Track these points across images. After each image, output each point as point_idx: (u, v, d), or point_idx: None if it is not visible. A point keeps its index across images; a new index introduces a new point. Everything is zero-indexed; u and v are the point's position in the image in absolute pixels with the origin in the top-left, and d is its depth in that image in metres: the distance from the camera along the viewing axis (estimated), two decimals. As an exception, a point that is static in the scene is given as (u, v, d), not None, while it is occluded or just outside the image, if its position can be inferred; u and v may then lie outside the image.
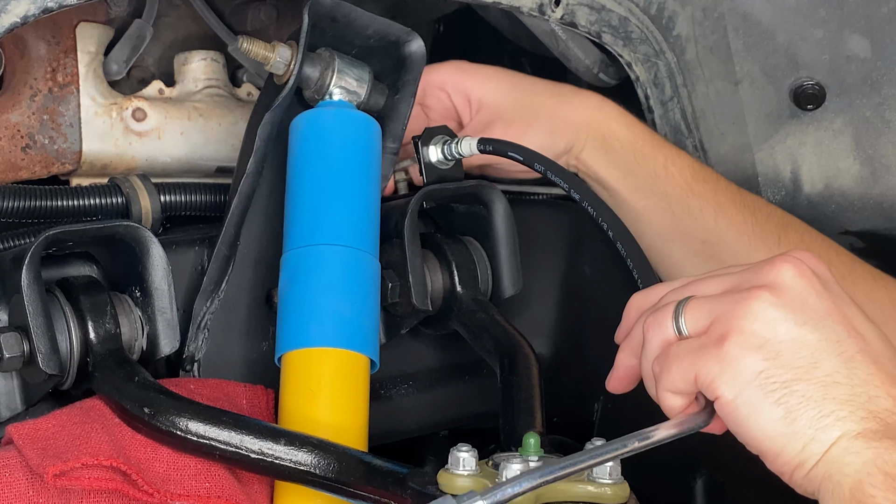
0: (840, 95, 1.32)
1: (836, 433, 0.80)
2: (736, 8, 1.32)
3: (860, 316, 0.85)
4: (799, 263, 0.86)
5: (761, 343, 0.83)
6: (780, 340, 0.83)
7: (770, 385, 0.82)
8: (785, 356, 0.83)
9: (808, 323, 0.83)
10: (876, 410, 0.80)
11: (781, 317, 0.83)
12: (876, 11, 1.27)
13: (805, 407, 0.81)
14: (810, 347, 0.83)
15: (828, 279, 0.87)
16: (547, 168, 1.22)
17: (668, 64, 1.36)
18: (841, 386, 0.81)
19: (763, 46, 1.33)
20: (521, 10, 1.29)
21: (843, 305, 0.85)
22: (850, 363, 0.82)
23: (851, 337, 0.83)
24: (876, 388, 0.81)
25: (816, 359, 0.82)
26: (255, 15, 1.40)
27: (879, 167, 1.34)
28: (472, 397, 1.41)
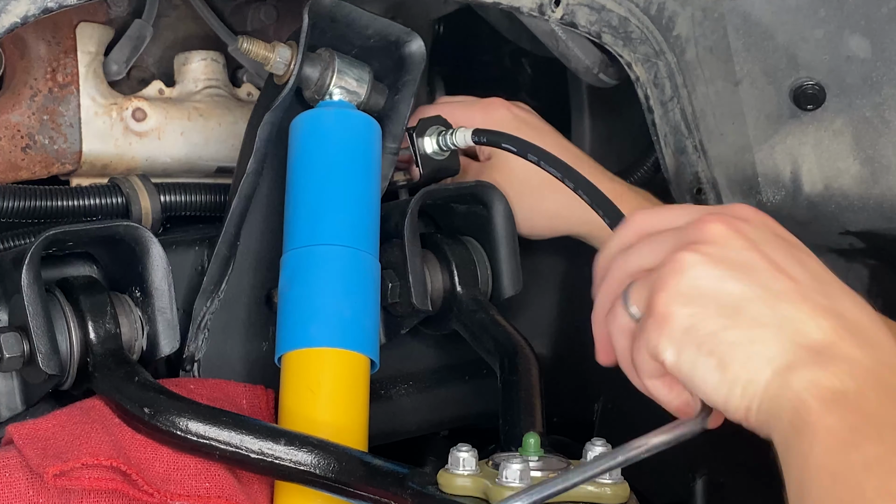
0: (840, 95, 1.32)
1: (768, 372, 0.82)
2: (736, 8, 1.32)
3: (789, 259, 0.87)
4: (724, 218, 0.88)
5: (687, 300, 0.85)
6: (704, 295, 0.85)
7: (700, 338, 0.84)
8: (710, 308, 0.84)
9: (731, 275, 0.85)
10: (805, 342, 0.82)
11: (704, 273, 0.85)
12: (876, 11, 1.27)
13: (735, 352, 0.83)
14: (734, 297, 0.84)
15: (756, 228, 0.89)
16: (540, 158, 1.22)
17: (668, 64, 1.36)
18: (767, 327, 0.83)
19: (763, 46, 1.32)
20: (521, 10, 1.29)
21: (772, 251, 0.87)
22: (776, 304, 0.84)
23: (778, 279, 0.85)
24: (803, 322, 0.83)
25: (740, 306, 0.84)
26: (255, 15, 1.40)
27: (879, 167, 1.34)
28: (472, 397, 1.41)
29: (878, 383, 0.79)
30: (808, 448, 0.77)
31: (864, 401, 0.78)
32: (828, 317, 0.83)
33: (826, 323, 0.82)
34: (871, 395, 0.78)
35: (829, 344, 0.81)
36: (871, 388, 0.79)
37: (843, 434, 0.76)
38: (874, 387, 0.79)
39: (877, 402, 0.78)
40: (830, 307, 0.84)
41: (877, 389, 0.79)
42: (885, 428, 0.76)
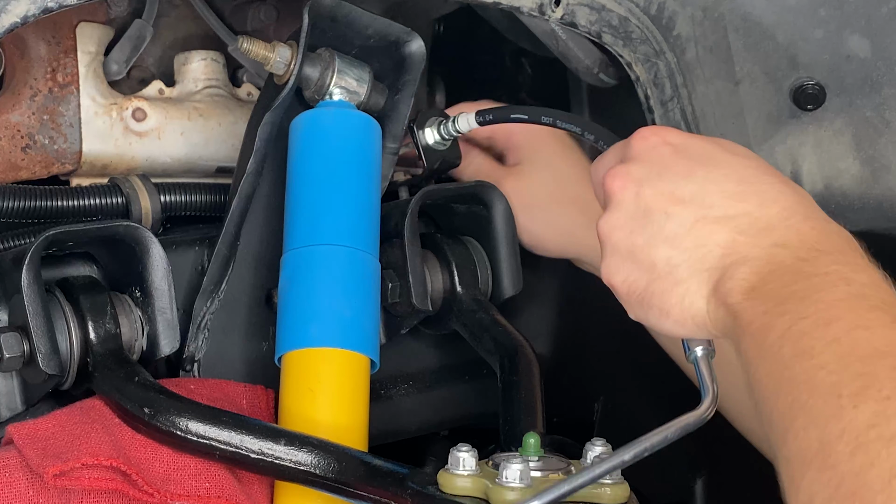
0: (840, 95, 1.32)
1: (702, 302, 0.91)
2: (736, 8, 1.32)
3: (680, 180, 0.95)
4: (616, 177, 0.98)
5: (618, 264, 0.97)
6: (625, 256, 0.96)
7: (638, 297, 0.96)
8: (633, 268, 0.95)
9: (633, 230, 0.95)
10: (712, 264, 0.91)
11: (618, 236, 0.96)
12: (876, 11, 1.27)
13: (668, 299, 0.93)
14: (644, 250, 0.94)
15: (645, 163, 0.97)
16: (556, 119, 1.20)
17: (668, 64, 1.36)
18: (680, 266, 0.92)
19: (763, 46, 1.32)
20: (521, 10, 1.29)
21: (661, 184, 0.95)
22: (677, 240, 0.93)
23: (671, 217, 0.94)
24: (703, 248, 0.92)
25: (651, 255, 0.94)
26: (255, 15, 1.40)
27: (879, 167, 1.34)
28: (472, 397, 1.41)
29: (774, 268, 0.88)
30: (741, 345, 0.87)
31: (766, 287, 0.87)
32: (724, 229, 0.91)
33: (721, 236, 0.91)
34: (772, 280, 0.87)
35: (731, 254, 0.90)
36: (770, 274, 0.88)
37: (758, 321, 0.85)
38: (772, 272, 0.88)
39: (776, 283, 0.87)
40: (724, 215, 0.92)
41: (774, 273, 0.87)
42: (786, 303, 0.85)
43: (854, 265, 0.87)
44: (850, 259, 0.88)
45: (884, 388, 0.76)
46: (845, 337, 0.80)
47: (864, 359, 0.78)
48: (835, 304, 0.83)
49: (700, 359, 0.96)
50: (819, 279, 0.86)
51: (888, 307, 0.83)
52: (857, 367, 0.78)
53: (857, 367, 0.78)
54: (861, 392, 0.76)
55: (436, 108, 1.34)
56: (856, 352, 0.79)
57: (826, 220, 0.93)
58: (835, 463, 0.75)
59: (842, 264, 0.87)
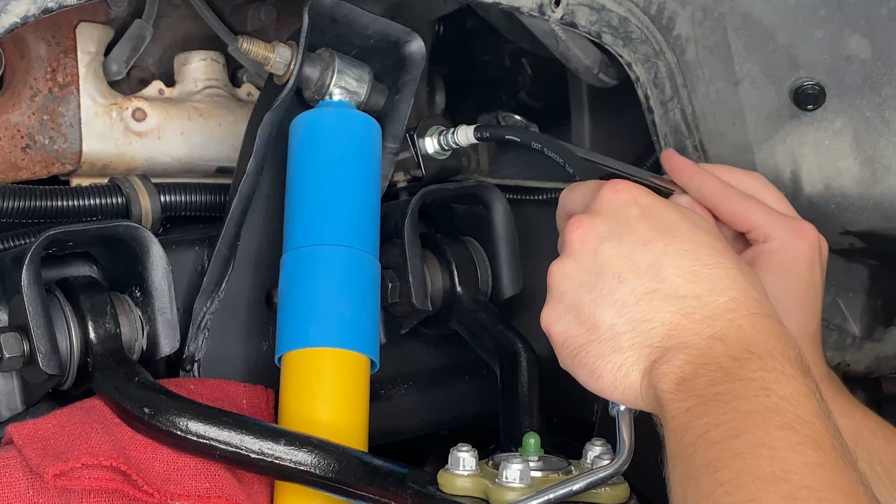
0: (840, 95, 1.32)
1: (637, 376, 0.91)
2: (736, 8, 1.31)
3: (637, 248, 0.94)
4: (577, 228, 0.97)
5: (557, 316, 0.97)
6: (569, 309, 0.96)
7: (571, 350, 0.96)
8: (573, 324, 0.95)
9: (584, 284, 0.95)
10: (654, 342, 0.91)
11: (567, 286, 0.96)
12: (876, 11, 1.27)
13: (602, 364, 0.93)
14: (589, 307, 0.94)
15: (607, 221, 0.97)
16: (545, 146, 1.22)
17: (668, 64, 1.36)
18: (622, 335, 0.92)
19: (763, 46, 1.32)
20: (521, 10, 1.29)
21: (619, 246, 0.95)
22: (625, 308, 0.92)
23: (627, 281, 0.93)
24: (650, 322, 0.91)
25: (596, 315, 0.94)
26: (255, 15, 1.40)
27: (879, 167, 1.34)
28: (472, 397, 1.41)
29: (707, 362, 0.87)
30: (665, 435, 0.88)
31: (696, 381, 0.87)
32: (671, 307, 0.91)
33: (668, 315, 0.91)
34: (702, 374, 0.87)
35: (672, 335, 0.90)
36: (702, 367, 0.87)
37: (679, 418, 0.86)
38: (704, 365, 0.87)
39: (705, 379, 0.86)
40: (672, 293, 0.92)
41: (706, 367, 0.87)
42: (709, 403, 0.85)
43: (781, 374, 0.86)
44: (780, 366, 0.87)
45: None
46: (748, 453, 0.81)
47: (759, 481, 0.79)
48: (748, 416, 0.83)
49: (621, 414, 0.96)
50: (742, 385, 0.85)
51: (800, 425, 0.83)
52: (751, 490, 0.78)
53: (751, 490, 0.78)
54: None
55: (435, 117, 1.34)
56: (754, 471, 0.79)
57: (769, 318, 0.92)
58: None
59: (768, 371, 0.86)
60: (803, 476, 0.79)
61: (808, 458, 0.80)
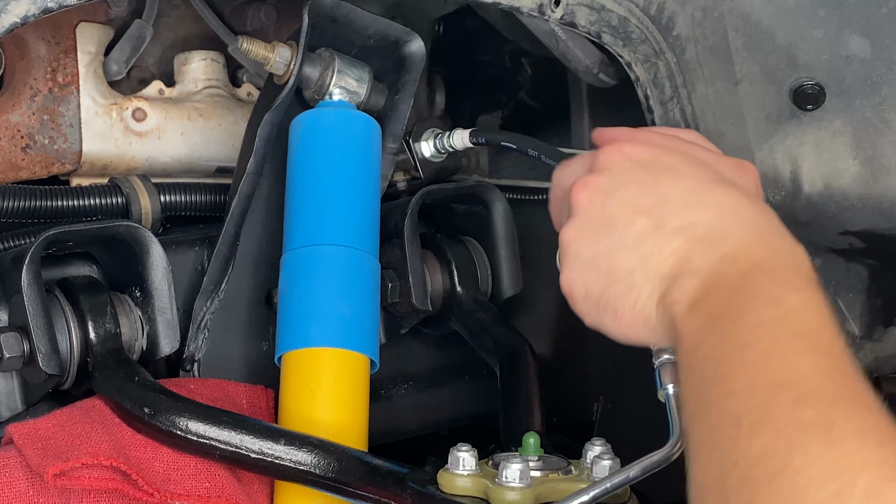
0: (840, 95, 1.32)
1: (653, 307, 0.93)
2: (736, 8, 1.31)
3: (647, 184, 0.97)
4: (582, 188, 0.99)
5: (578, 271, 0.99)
6: (586, 262, 0.98)
7: (594, 300, 0.98)
8: (591, 275, 0.97)
9: (595, 236, 0.97)
10: (665, 272, 0.93)
11: (580, 245, 0.98)
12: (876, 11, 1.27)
13: (621, 304, 0.95)
14: (604, 256, 0.96)
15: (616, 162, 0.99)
16: (541, 153, 1.22)
17: (667, 64, 1.36)
18: (635, 272, 0.94)
19: (763, 46, 1.32)
20: (521, 10, 1.29)
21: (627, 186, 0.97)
22: (636, 248, 0.95)
23: (631, 224, 0.96)
24: (659, 254, 0.93)
25: (611, 262, 0.96)
26: (255, 15, 1.40)
27: (879, 167, 1.34)
28: (472, 397, 1.41)
29: (716, 281, 0.89)
30: (679, 357, 0.89)
31: (707, 301, 0.88)
32: (678, 236, 0.93)
33: (676, 244, 0.93)
34: (713, 293, 0.88)
35: (682, 262, 0.92)
36: (713, 286, 0.89)
37: (692, 338, 0.87)
38: (716, 284, 0.89)
39: (714, 299, 0.88)
40: (681, 224, 0.94)
41: (715, 287, 0.89)
42: (718, 320, 0.86)
43: (790, 286, 0.87)
44: (789, 279, 0.88)
45: (779, 422, 0.76)
46: (758, 363, 0.81)
47: (768, 388, 0.79)
48: (757, 327, 0.84)
49: (672, 396, 0.96)
50: (751, 299, 0.86)
51: (810, 335, 0.83)
52: (761, 397, 0.78)
53: (761, 397, 0.78)
54: (757, 423, 0.77)
55: (430, 120, 1.34)
56: (763, 380, 0.80)
57: (780, 236, 0.93)
58: (726, 495, 0.76)
59: (777, 284, 0.87)
60: (814, 380, 0.79)
61: (818, 363, 0.80)
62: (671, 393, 0.96)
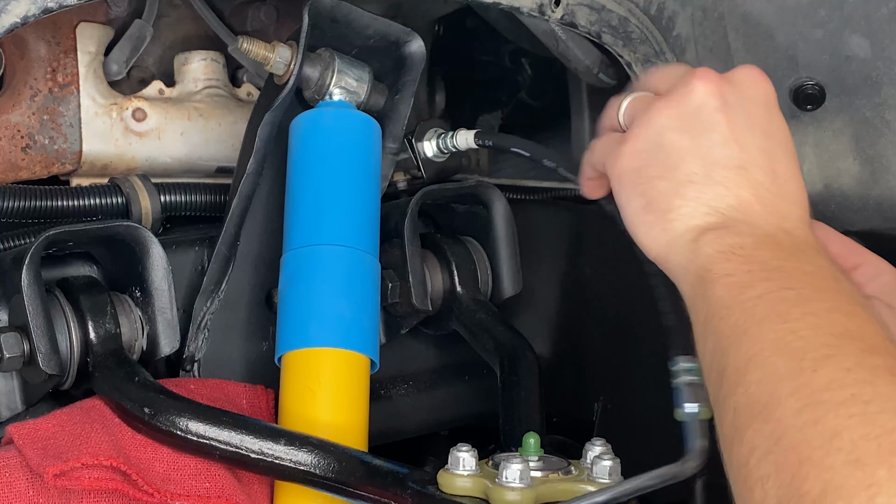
0: (840, 95, 1.32)
1: (681, 227, 0.92)
2: (736, 8, 1.31)
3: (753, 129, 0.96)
4: (711, 79, 0.97)
5: (645, 147, 0.96)
6: (659, 144, 0.95)
7: (639, 179, 0.95)
8: (658, 158, 0.95)
9: (688, 131, 0.95)
10: (719, 207, 0.92)
11: (669, 125, 0.95)
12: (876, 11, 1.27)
13: (660, 199, 0.94)
14: (681, 152, 0.94)
15: (739, 92, 0.97)
16: (549, 160, 1.21)
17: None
18: (694, 185, 0.93)
19: (763, 46, 1.32)
20: (521, 10, 1.29)
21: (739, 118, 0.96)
22: (712, 166, 0.93)
23: (726, 146, 0.94)
24: (726, 189, 0.92)
25: (682, 161, 0.94)
26: (255, 15, 1.40)
27: (879, 167, 1.34)
28: (472, 397, 1.41)
29: (772, 242, 0.89)
30: (710, 291, 0.87)
31: (758, 253, 0.88)
32: (751, 188, 0.92)
33: (746, 193, 0.92)
34: (765, 249, 0.89)
35: (740, 210, 0.92)
36: (766, 244, 0.89)
37: (738, 276, 0.86)
38: (768, 244, 0.89)
39: (769, 254, 0.88)
40: (760, 181, 0.93)
41: (770, 246, 0.89)
42: (774, 272, 0.86)
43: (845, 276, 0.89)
44: (838, 272, 0.90)
45: (846, 361, 0.77)
46: (823, 315, 0.82)
47: (835, 335, 0.80)
48: (821, 290, 0.85)
49: (694, 416, 0.95)
50: (812, 269, 0.87)
51: (869, 309, 0.84)
52: (826, 340, 0.79)
53: (826, 340, 0.79)
54: (823, 360, 0.77)
55: (433, 120, 1.34)
56: (829, 328, 0.80)
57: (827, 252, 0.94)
58: (780, 416, 0.76)
59: (834, 271, 0.89)
60: (878, 340, 0.80)
61: (880, 330, 0.81)
62: (691, 412, 0.95)
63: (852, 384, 0.75)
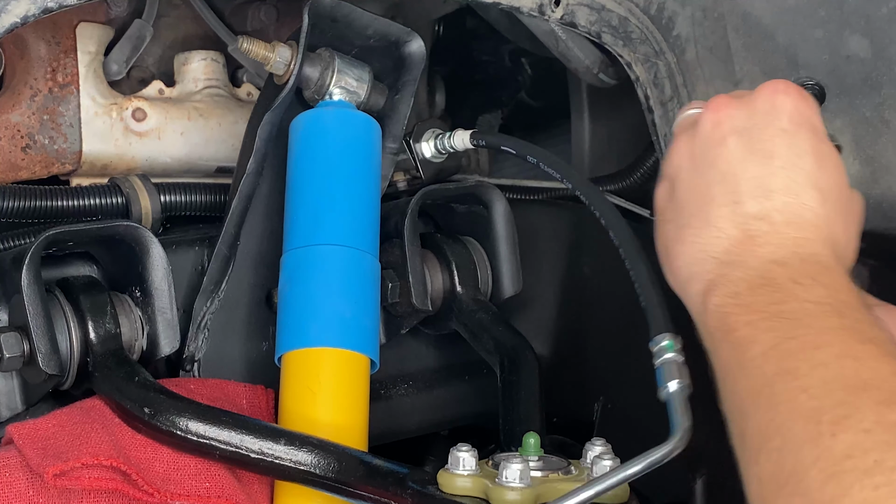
0: (840, 95, 1.32)
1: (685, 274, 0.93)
2: (736, 8, 1.31)
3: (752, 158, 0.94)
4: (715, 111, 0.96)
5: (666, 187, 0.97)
6: (674, 184, 0.96)
7: (660, 219, 0.97)
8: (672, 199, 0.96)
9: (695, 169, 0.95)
10: (713, 252, 0.92)
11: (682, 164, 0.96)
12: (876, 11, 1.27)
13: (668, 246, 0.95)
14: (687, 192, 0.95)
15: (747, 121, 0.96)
16: (540, 160, 1.22)
17: (668, 64, 1.36)
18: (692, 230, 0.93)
19: (763, 46, 1.32)
20: (521, 10, 1.29)
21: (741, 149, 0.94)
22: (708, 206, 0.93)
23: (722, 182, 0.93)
24: (718, 230, 0.92)
25: (686, 204, 0.95)
26: (255, 15, 1.40)
27: (879, 167, 1.34)
28: (472, 397, 1.41)
29: (766, 283, 0.87)
30: (720, 351, 0.87)
31: (754, 300, 0.86)
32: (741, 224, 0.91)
33: (736, 231, 0.91)
34: (761, 293, 0.87)
35: (732, 252, 0.91)
36: (760, 287, 0.87)
37: (741, 331, 0.85)
38: (763, 286, 0.87)
39: (765, 298, 0.86)
40: (751, 213, 0.92)
41: (765, 288, 0.87)
42: (773, 320, 0.84)
43: (847, 303, 0.86)
44: (845, 298, 0.87)
45: (864, 420, 0.74)
46: (833, 363, 0.79)
47: (848, 388, 0.77)
48: (825, 332, 0.82)
49: (674, 394, 0.94)
50: (811, 307, 0.85)
51: (879, 342, 0.82)
52: (841, 396, 0.77)
53: (841, 396, 0.77)
54: (841, 421, 0.75)
55: (430, 120, 1.34)
56: (841, 380, 0.78)
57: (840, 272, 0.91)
58: (806, 490, 0.74)
59: (837, 301, 0.86)
60: (893, 384, 0.77)
61: (893, 366, 0.79)
62: (673, 391, 0.95)
63: (874, 448, 0.73)
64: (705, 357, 0.93)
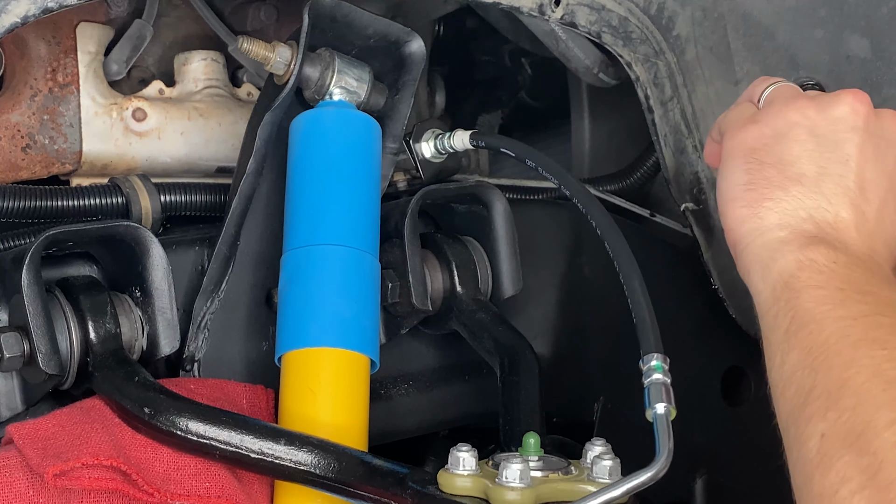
0: (840, 95, 1.32)
1: (774, 219, 0.91)
2: (736, 8, 1.32)
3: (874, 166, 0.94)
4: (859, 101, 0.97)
5: (769, 132, 0.95)
6: (785, 135, 0.94)
7: (750, 158, 0.94)
8: (777, 147, 0.94)
9: (817, 136, 0.94)
10: (817, 217, 0.91)
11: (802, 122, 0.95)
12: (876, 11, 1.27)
13: (762, 186, 0.93)
14: (802, 150, 0.94)
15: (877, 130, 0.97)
16: (538, 164, 1.22)
17: (668, 64, 1.36)
18: (801, 186, 0.92)
19: (763, 46, 1.32)
20: (521, 10, 1.29)
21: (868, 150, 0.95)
22: (824, 177, 0.93)
23: (846, 165, 0.93)
24: (829, 203, 0.91)
25: (798, 160, 0.93)
26: (255, 15, 1.40)
27: (879, 167, 1.34)
28: (472, 397, 1.40)
29: (866, 266, 0.88)
30: (797, 300, 0.85)
31: (851, 273, 0.86)
32: (853, 213, 0.91)
33: (847, 215, 0.91)
34: (859, 270, 0.87)
35: (837, 229, 0.90)
36: (860, 266, 0.87)
37: (830, 292, 0.85)
38: (862, 267, 0.88)
39: (863, 276, 0.86)
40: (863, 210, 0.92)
41: (864, 269, 0.87)
42: (868, 296, 0.84)
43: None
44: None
45: None
46: None
47: None
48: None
49: (659, 417, 0.94)
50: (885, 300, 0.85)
51: None
52: None
53: None
54: None
55: (431, 121, 1.34)
56: None
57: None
58: (877, 449, 0.74)
59: None
60: None
61: None
62: (660, 413, 0.94)
63: None
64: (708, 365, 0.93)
